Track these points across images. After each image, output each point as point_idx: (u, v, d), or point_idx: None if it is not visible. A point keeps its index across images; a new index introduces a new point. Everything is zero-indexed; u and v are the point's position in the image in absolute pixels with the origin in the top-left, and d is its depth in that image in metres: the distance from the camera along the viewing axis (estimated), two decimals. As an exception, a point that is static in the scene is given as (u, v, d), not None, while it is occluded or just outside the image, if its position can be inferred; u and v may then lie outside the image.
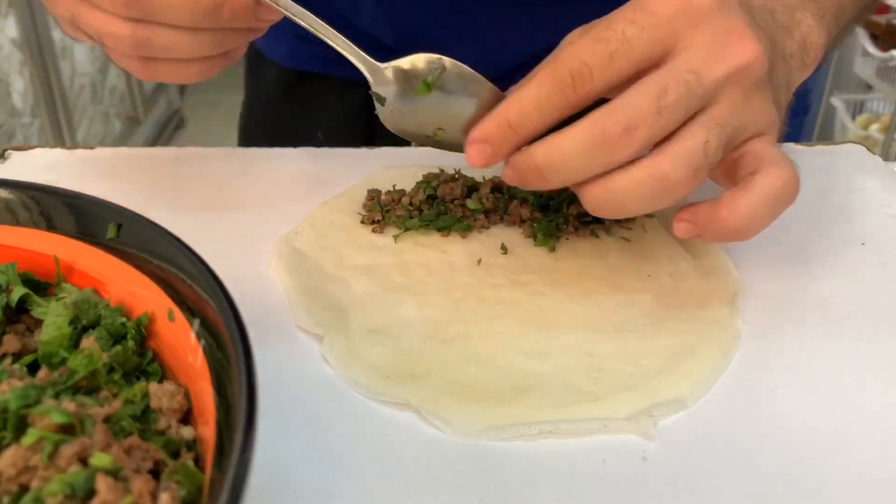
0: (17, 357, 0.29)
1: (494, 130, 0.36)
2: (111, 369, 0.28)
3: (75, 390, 0.27)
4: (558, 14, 0.61)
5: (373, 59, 0.40)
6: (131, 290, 0.30)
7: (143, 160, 0.53)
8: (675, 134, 0.34)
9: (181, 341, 0.28)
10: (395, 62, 0.40)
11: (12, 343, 0.29)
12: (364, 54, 0.40)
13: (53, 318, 0.29)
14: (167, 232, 0.29)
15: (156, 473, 0.24)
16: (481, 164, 0.37)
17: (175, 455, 0.25)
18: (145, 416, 0.27)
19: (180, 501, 0.23)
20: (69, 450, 0.23)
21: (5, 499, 0.22)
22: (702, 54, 0.34)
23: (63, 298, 0.31)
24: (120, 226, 0.31)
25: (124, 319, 0.30)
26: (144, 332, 0.30)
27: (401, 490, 0.31)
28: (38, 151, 0.53)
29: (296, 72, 0.71)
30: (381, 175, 0.51)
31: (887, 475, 0.31)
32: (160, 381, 0.28)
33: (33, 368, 0.28)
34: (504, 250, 0.44)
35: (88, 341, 0.29)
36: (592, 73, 0.34)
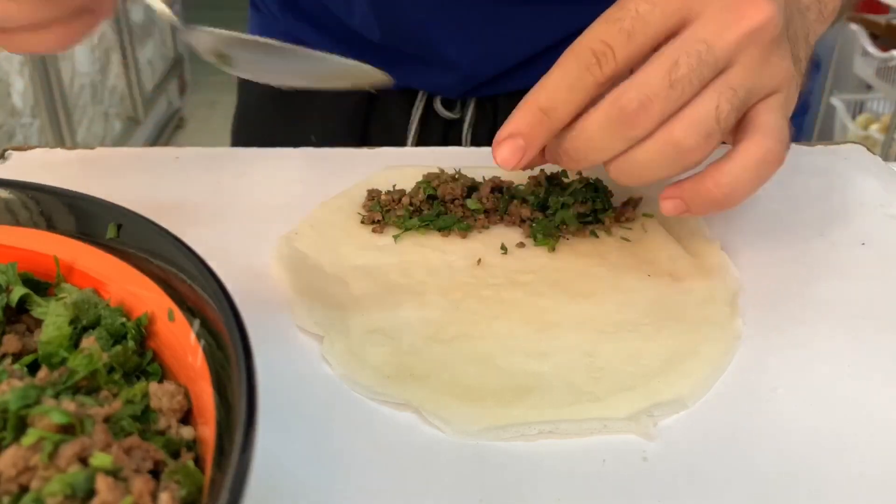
0: (17, 357, 0.29)
1: (526, 121, 0.37)
2: (111, 369, 0.28)
3: (75, 390, 0.27)
4: (552, 13, 0.61)
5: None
6: (131, 290, 0.30)
7: (143, 160, 0.53)
8: (689, 103, 0.35)
9: (181, 341, 0.28)
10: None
11: (12, 343, 0.29)
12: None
13: (53, 318, 0.30)
14: (167, 232, 0.29)
15: (156, 473, 0.24)
16: (514, 162, 0.37)
17: (175, 455, 0.25)
18: (145, 416, 0.27)
19: (180, 501, 0.23)
20: (69, 450, 0.23)
21: (5, 499, 0.22)
22: (713, 22, 0.35)
23: (63, 298, 0.31)
24: (120, 226, 0.31)
25: (124, 319, 0.30)
26: (144, 332, 0.30)
27: (401, 490, 0.31)
28: (38, 151, 0.53)
29: None
30: (381, 175, 0.51)
31: (887, 475, 0.31)
32: (160, 381, 0.28)
33: (33, 368, 0.28)
34: (504, 250, 0.44)
35: (88, 341, 0.29)
36: (614, 51, 0.35)
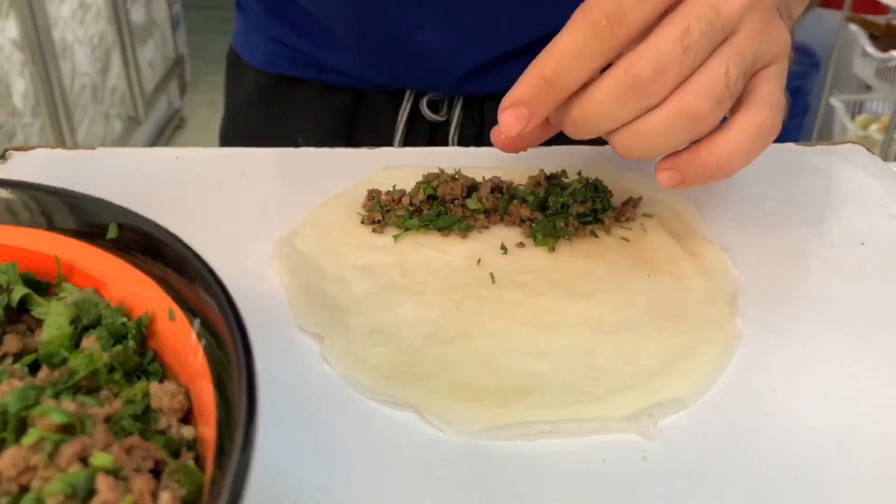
0: (17, 357, 0.29)
1: (531, 90, 0.36)
2: (112, 369, 0.28)
3: (76, 390, 0.27)
4: (532, 4, 0.59)
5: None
6: (132, 289, 0.30)
7: (143, 160, 0.53)
8: (698, 69, 0.35)
9: (182, 341, 0.28)
10: None
11: (13, 343, 0.30)
12: None
13: (54, 318, 0.30)
14: (167, 232, 0.29)
15: (156, 473, 0.24)
16: (517, 130, 0.36)
17: (175, 454, 0.25)
18: (146, 415, 0.27)
19: (181, 501, 0.23)
20: (69, 449, 0.23)
21: (5, 499, 0.22)
22: None
23: (64, 298, 0.31)
24: (120, 226, 0.31)
25: (125, 319, 0.30)
26: (145, 332, 0.30)
27: (401, 490, 0.31)
28: (39, 152, 0.53)
29: (273, 76, 0.70)
30: (381, 175, 0.51)
31: (887, 475, 0.31)
32: (161, 381, 0.28)
33: (34, 368, 0.28)
34: (504, 250, 0.44)
35: (89, 341, 0.29)
36: (626, 12, 0.34)
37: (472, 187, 0.48)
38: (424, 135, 0.67)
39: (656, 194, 0.49)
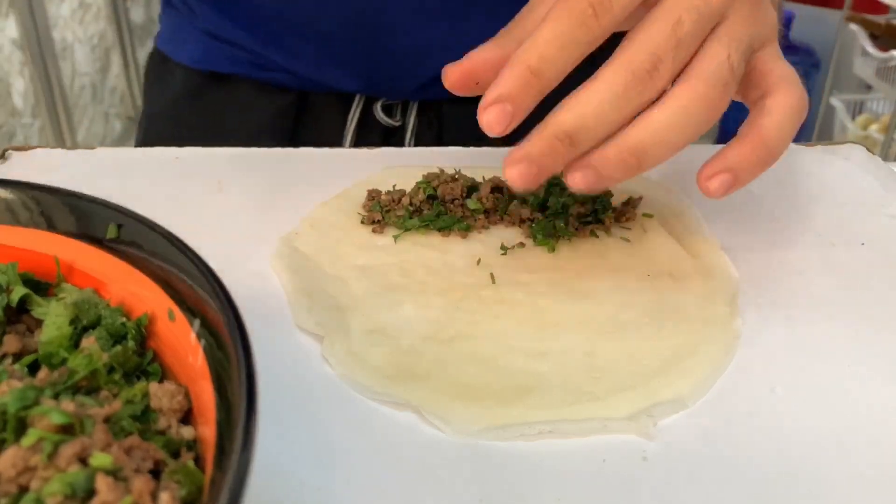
0: (17, 357, 0.29)
1: (514, 83, 0.33)
2: (111, 369, 0.28)
3: (75, 390, 0.27)
4: (501, 4, 0.58)
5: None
6: (131, 290, 0.30)
7: (143, 160, 0.53)
8: (696, 57, 0.34)
9: (181, 341, 0.28)
10: None
11: (12, 343, 0.29)
12: None
13: (54, 319, 0.30)
14: (167, 232, 0.29)
15: (156, 473, 0.24)
16: (502, 128, 0.34)
17: (175, 455, 0.25)
18: (145, 416, 0.27)
19: (180, 501, 0.23)
20: (69, 450, 0.23)
21: (5, 499, 0.22)
22: None
23: (63, 298, 0.31)
24: (120, 226, 0.31)
25: (124, 319, 0.30)
26: (145, 332, 0.30)
27: (401, 490, 0.31)
28: (39, 151, 0.53)
29: (206, 74, 0.65)
30: (381, 175, 0.51)
31: (887, 475, 0.31)
32: (160, 381, 0.28)
33: (33, 368, 0.28)
34: (504, 250, 0.44)
35: (89, 341, 0.29)
36: (612, 1, 0.33)
37: (473, 187, 0.48)
38: (376, 140, 0.64)
39: (656, 194, 0.49)
